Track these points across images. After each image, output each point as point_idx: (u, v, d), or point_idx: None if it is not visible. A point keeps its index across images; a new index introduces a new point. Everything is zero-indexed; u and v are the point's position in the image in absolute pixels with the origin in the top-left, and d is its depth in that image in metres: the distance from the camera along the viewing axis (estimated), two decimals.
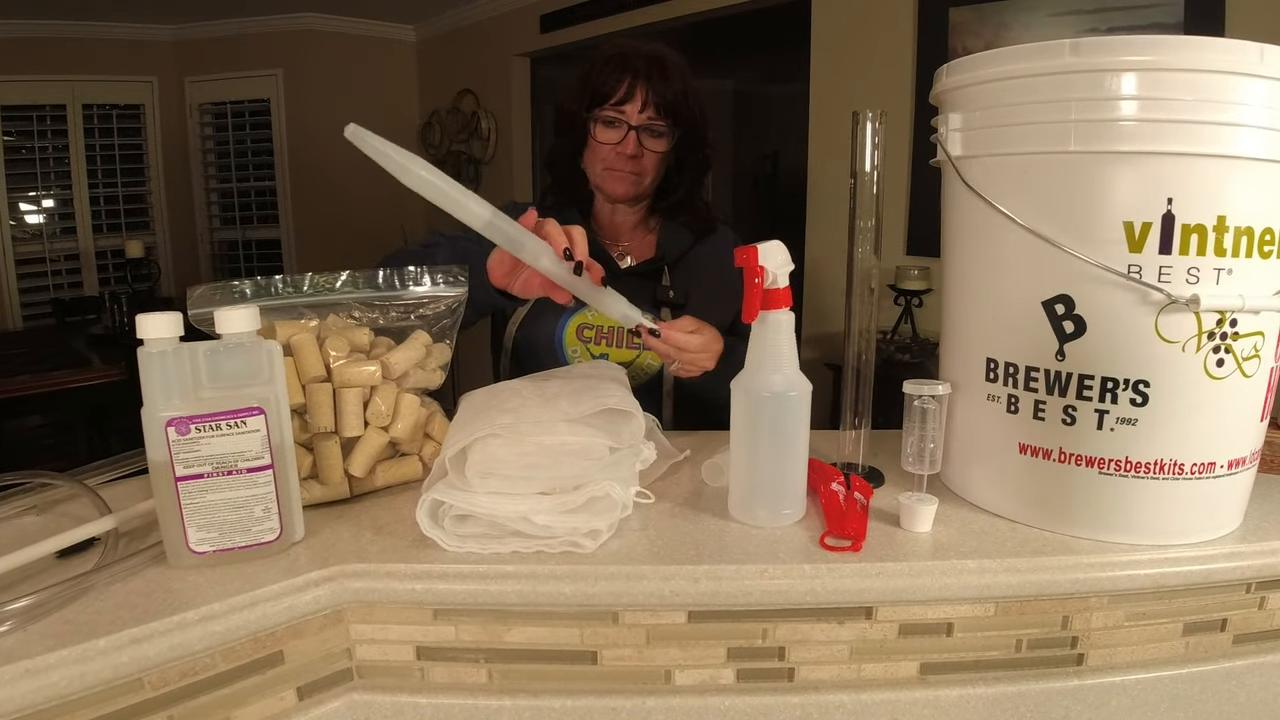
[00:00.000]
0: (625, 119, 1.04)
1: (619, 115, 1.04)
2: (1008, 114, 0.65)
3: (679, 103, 1.06)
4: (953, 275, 0.76)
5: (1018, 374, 0.68)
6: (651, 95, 1.04)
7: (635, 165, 1.06)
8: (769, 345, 0.64)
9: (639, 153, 1.05)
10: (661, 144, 1.07)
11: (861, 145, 0.72)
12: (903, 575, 0.62)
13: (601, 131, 1.06)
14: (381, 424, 0.71)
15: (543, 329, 1.07)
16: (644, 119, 1.04)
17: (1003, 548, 0.65)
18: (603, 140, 1.06)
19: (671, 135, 1.07)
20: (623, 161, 1.06)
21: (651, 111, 1.04)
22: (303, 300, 0.76)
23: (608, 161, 1.07)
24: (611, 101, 1.04)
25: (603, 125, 1.06)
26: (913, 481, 0.69)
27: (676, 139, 1.07)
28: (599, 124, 1.06)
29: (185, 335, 0.59)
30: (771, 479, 0.66)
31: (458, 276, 0.82)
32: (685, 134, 1.08)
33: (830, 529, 0.66)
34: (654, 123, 1.05)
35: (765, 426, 0.65)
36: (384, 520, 0.68)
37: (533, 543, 0.61)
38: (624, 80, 1.04)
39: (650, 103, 1.04)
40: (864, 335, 0.75)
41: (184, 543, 0.59)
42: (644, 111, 1.04)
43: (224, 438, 0.57)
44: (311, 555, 0.61)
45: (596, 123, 1.06)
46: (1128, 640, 0.68)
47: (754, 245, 0.61)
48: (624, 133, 1.04)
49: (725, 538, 0.65)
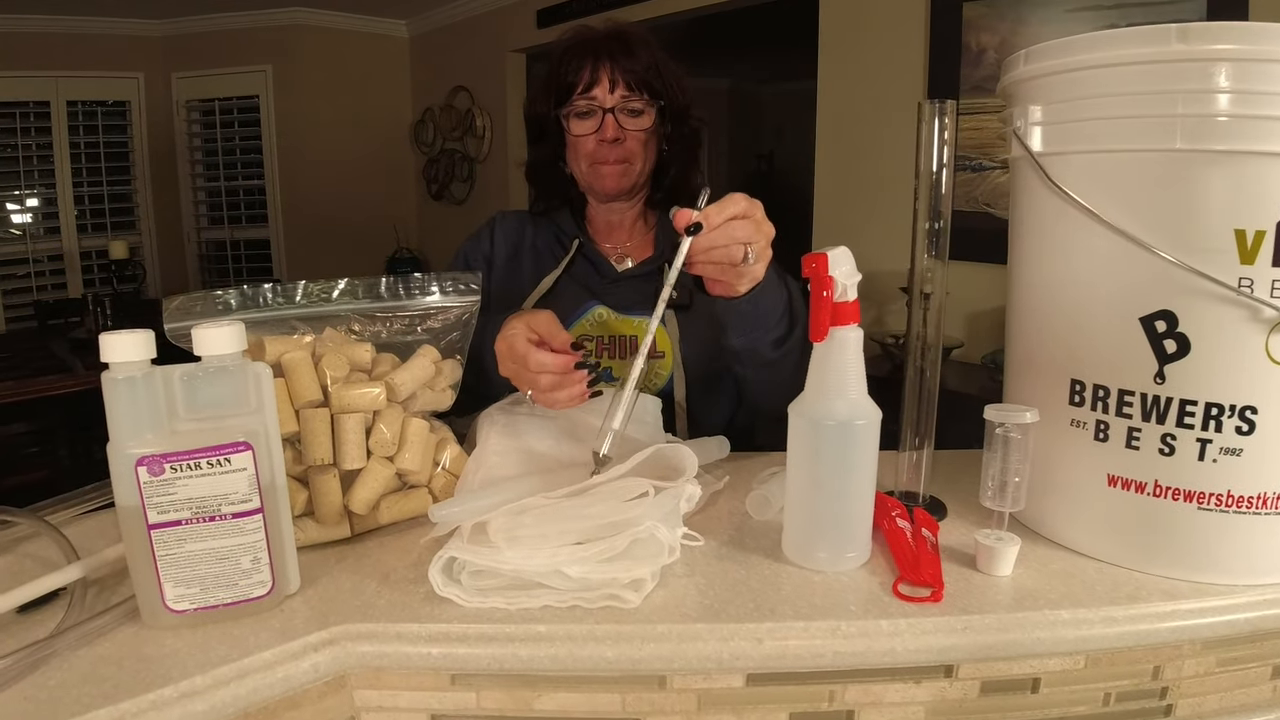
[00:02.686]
0: (598, 103, 0.96)
1: (590, 102, 0.96)
2: (1101, 106, 0.59)
3: (650, 75, 0.97)
4: (1027, 285, 0.68)
5: (1108, 398, 0.61)
6: (619, 73, 0.96)
7: (620, 151, 0.98)
8: (834, 366, 0.55)
9: (620, 135, 0.97)
10: (642, 122, 0.98)
11: (928, 140, 0.64)
12: (990, 630, 0.55)
13: (576, 124, 0.98)
14: (386, 454, 0.63)
15: None
16: (617, 99, 0.96)
17: (1093, 593, 0.59)
18: (580, 133, 0.98)
19: (651, 112, 0.99)
20: (606, 150, 0.98)
21: (624, 89, 0.96)
22: (295, 312, 0.68)
23: (592, 155, 0.99)
24: (579, 90, 0.96)
25: (576, 118, 0.98)
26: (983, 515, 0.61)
27: (657, 115, 1.00)
28: (573, 118, 0.98)
29: (160, 354, 0.50)
30: (834, 518, 0.58)
31: (469, 284, 0.73)
32: (665, 108, 1.00)
33: (903, 574, 0.58)
34: (629, 101, 0.97)
35: (828, 459, 0.57)
36: (390, 565, 0.59)
37: (568, 596, 0.52)
38: (586, 64, 0.96)
39: (620, 80, 0.96)
40: (928, 348, 0.67)
41: (160, 600, 0.50)
42: (615, 91, 0.96)
43: (205, 478, 0.49)
44: (309, 612, 0.53)
45: (570, 118, 0.98)
46: (1217, 687, 0.63)
47: (821, 252, 0.53)
48: (600, 118, 0.96)
49: (784, 586, 0.57)
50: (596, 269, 1.02)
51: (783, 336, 0.82)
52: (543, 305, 0.98)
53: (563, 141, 1.01)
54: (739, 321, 0.79)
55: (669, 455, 0.60)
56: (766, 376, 0.86)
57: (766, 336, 0.80)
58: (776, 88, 5.40)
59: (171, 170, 4.36)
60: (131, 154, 4.26)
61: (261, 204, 4.37)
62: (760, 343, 0.80)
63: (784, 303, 0.80)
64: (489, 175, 4.18)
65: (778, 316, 0.80)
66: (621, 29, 0.99)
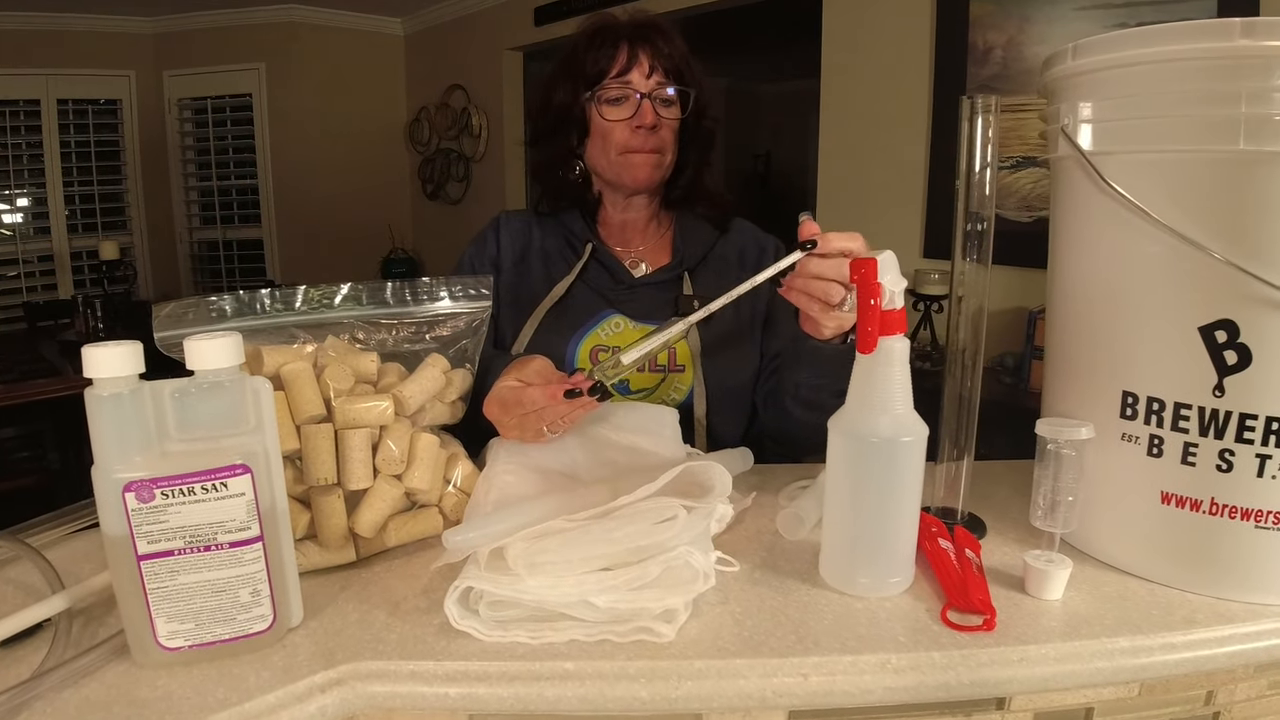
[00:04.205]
0: (634, 88, 0.91)
1: (625, 86, 0.91)
2: (1157, 104, 0.56)
3: (683, 65, 0.93)
4: (1072, 292, 0.64)
5: (1163, 411, 0.58)
6: (656, 58, 0.91)
7: (655, 140, 0.93)
8: (879, 379, 0.52)
9: (657, 121, 0.92)
10: (675, 112, 0.94)
11: (972, 140, 0.60)
12: (1047, 660, 0.52)
13: (610, 110, 0.93)
14: (394, 472, 0.59)
15: (552, 351, 0.91)
16: (653, 84, 0.92)
17: (1148, 618, 0.56)
18: (614, 118, 0.93)
19: (683, 103, 0.95)
20: (642, 138, 0.92)
21: (660, 75, 0.92)
22: (295, 319, 0.64)
23: (625, 144, 0.93)
24: (612, 74, 0.91)
25: (609, 104, 0.93)
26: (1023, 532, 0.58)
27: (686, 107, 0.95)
28: (604, 104, 0.93)
29: (150, 361, 0.46)
30: (878, 541, 0.54)
31: (480, 289, 0.69)
32: (694, 101, 0.95)
33: (951, 600, 0.54)
34: (664, 87, 0.92)
35: (872, 478, 0.53)
36: (400, 594, 0.55)
37: (596, 629, 0.48)
38: (620, 48, 0.91)
39: (657, 66, 0.91)
40: (970, 356, 0.63)
41: (152, 636, 0.46)
42: (652, 75, 0.92)
43: (199, 504, 0.45)
44: (314, 648, 0.49)
45: (600, 104, 0.93)
46: (1266, 710, 0.60)
47: (870, 257, 0.49)
48: (636, 104, 0.91)
49: (825, 614, 0.53)
50: (612, 274, 0.97)
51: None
52: (555, 313, 0.94)
53: (580, 136, 0.96)
54: (818, 362, 0.75)
55: (698, 472, 0.56)
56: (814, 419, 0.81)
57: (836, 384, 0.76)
58: (775, 87, 5.37)
59: (163, 169, 4.29)
60: (122, 153, 4.19)
61: (254, 204, 4.30)
62: (828, 388, 0.76)
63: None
64: (485, 175, 4.14)
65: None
66: (650, 16, 0.95)
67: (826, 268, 0.62)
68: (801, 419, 0.83)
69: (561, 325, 0.93)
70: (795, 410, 0.83)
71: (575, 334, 0.92)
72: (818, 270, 0.62)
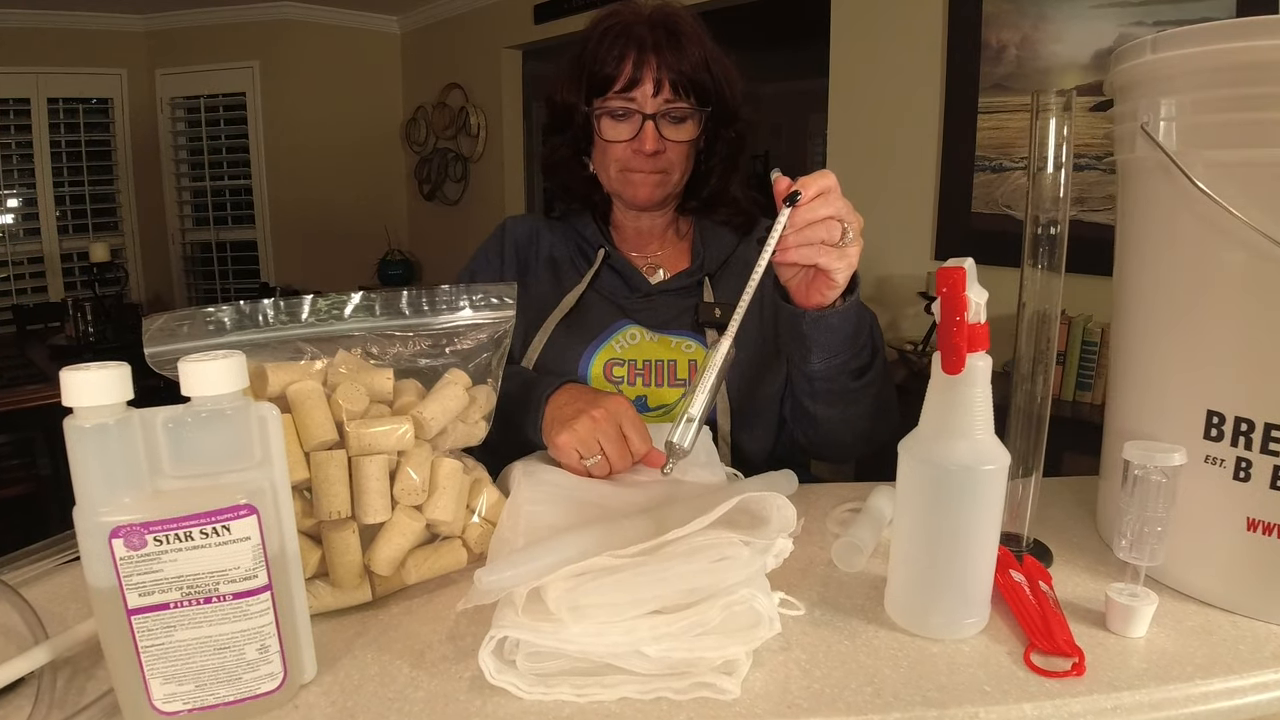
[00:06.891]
0: (637, 108, 0.83)
1: (628, 104, 0.83)
2: (1253, 102, 0.50)
3: (700, 74, 0.83)
4: (1148, 303, 0.60)
5: (1253, 432, 0.53)
6: (665, 72, 0.82)
7: (658, 163, 0.85)
8: (959, 399, 0.46)
9: (660, 146, 0.84)
10: (686, 131, 0.85)
11: (1042, 139, 0.55)
12: (1143, 709, 0.47)
13: (609, 127, 0.85)
14: (414, 502, 0.53)
15: (563, 366, 0.86)
16: (660, 104, 0.82)
17: (1238, 655, 0.51)
18: (612, 138, 0.85)
19: (698, 118, 0.86)
20: (641, 160, 0.85)
21: (669, 92, 0.82)
22: (302, 332, 0.58)
23: (623, 162, 0.86)
24: (616, 87, 0.83)
25: (610, 119, 0.84)
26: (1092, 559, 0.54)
27: (702, 122, 0.87)
28: (605, 118, 0.85)
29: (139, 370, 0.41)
30: (954, 577, 0.49)
31: (503, 298, 0.64)
32: (714, 112, 0.87)
33: (1034, 641, 0.49)
34: (673, 106, 0.83)
35: (949, 509, 0.48)
36: (424, 640, 0.50)
37: (650, 685, 0.43)
38: (628, 56, 0.82)
39: (665, 81, 0.82)
40: (1040, 369, 0.58)
41: (146, 699, 0.40)
42: (659, 94, 0.82)
43: (198, 551, 0.39)
44: (331, 708, 0.43)
45: (601, 117, 0.85)
46: None
47: (957, 266, 0.44)
48: (638, 125, 0.83)
49: (900, 660, 0.48)
50: (626, 282, 0.90)
51: (865, 366, 0.72)
52: (568, 323, 0.88)
53: (588, 137, 0.89)
54: (825, 337, 0.69)
55: (754, 504, 0.50)
56: (840, 414, 0.76)
57: (851, 362, 0.71)
58: (776, 86, 5.33)
59: (155, 169, 4.22)
60: (114, 153, 4.13)
61: (248, 204, 4.24)
62: (843, 369, 0.71)
63: (868, 324, 0.71)
64: (483, 175, 4.08)
65: (864, 339, 0.71)
66: (671, 14, 0.85)
67: (816, 207, 0.60)
68: (823, 417, 0.78)
69: (573, 338, 0.87)
70: (816, 409, 0.77)
71: (588, 347, 0.86)
72: (810, 215, 0.60)
